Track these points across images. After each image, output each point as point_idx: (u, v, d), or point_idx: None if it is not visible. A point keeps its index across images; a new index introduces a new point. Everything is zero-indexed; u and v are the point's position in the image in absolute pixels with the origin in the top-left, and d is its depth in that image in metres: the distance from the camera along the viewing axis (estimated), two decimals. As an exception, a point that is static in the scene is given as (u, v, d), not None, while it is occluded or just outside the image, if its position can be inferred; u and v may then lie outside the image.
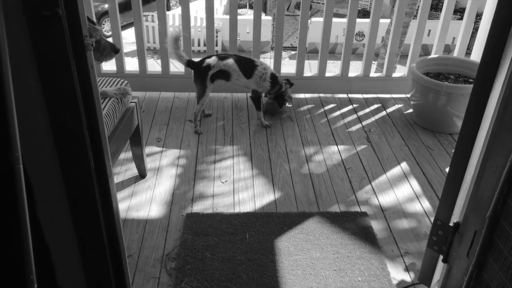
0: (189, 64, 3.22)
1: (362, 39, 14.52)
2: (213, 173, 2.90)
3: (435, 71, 3.51)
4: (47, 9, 1.18)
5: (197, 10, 14.34)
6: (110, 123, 2.24)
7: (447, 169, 2.96)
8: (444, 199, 1.88)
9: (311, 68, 12.85)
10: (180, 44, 3.14)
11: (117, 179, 2.81)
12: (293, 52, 13.13)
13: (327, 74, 3.77)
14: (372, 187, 2.80)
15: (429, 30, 13.17)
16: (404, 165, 3.02)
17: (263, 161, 3.02)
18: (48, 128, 1.31)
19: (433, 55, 3.61)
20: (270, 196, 2.70)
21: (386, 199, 2.71)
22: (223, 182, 2.82)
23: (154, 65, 3.76)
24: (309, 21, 14.33)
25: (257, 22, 3.56)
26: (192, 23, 13.22)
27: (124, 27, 13.89)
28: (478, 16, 3.90)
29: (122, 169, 2.90)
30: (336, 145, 3.22)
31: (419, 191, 2.78)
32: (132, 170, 2.88)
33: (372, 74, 3.82)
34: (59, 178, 1.42)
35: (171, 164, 2.98)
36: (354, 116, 3.58)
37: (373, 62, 3.73)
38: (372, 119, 3.54)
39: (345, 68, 3.73)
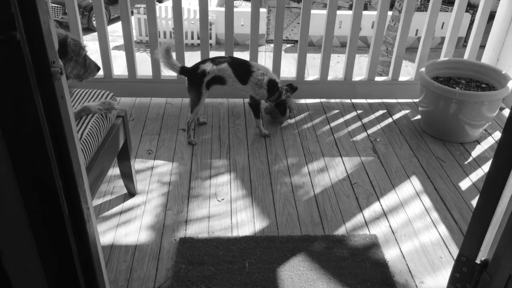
0: (182, 71, 2.98)
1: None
2: (209, 190, 2.68)
3: (445, 75, 3.29)
4: (1, 32, 0.95)
5: (190, 2, 14.04)
6: (93, 143, 2.01)
7: (460, 184, 2.76)
8: (471, 234, 1.66)
9: (308, 70, 12.66)
10: (171, 54, 2.91)
11: (103, 198, 2.58)
12: (288, 45, 12.89)
13: (330, 78, 3.54)
14: (381, 205, 2.59)
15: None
16: (414, 179, 2.80)
17: (263, 175, 2.80)
18: (13, 178, 1.08)
19: (442, 58, 3.39)
20: (271, 217, 2.48)
21: (397, 218, 2.50)
22: (219, 201, 2.60)
23: (146, 63, 3.53)
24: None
25: (255, 16, 3.31)
26: (185, 16, 12.94)
27: (117, 19, 13.60)
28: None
29: (110, 187, 2.67)
30: (341, 156, 3.00)
31: (432, 209, 2.57)
32: (120, 187, 2.65)
33: (377, 78, 3.59)
34: (28, 228, 1.19)
35: (163, 180, 2.75)
36: (359, 123, 3.36)
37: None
38: (378, 126, 3.32)
39: (349, 71, 3.51)
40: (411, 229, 2.43)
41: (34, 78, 1.02)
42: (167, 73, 3.27)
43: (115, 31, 12.12)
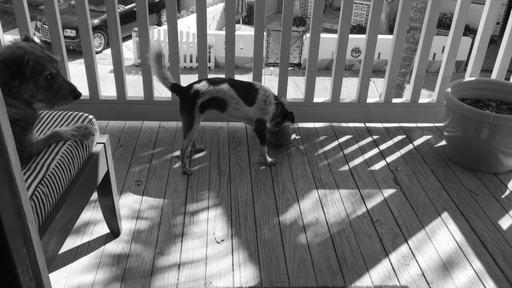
0: (174, 88, 2.61)
1: (358, 55, 14.06)
2: (206, 229, 2.28)
3: (472, 97, 2.93)
4: None
5: (189, 25, 13.84)
6: (63, 177, 1.62)
7: (500, 222, 2.36)
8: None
9: (301, 89, 12.28)
10: (164, 62, 2.53)
11: (81, 239, 2.18)
12: (289, 69, 12.60)
13: (342, 100, 3.17)
14: (410, 248, 2.19)
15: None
16: (445, 216, 2.41)
17: (269, 211, 2.41)
18: None
19: (469, 78, 3.04)
20: (280, 262, 2.08)
21: (430, 265, 2.09)
22: (218, 242, 2.20)
23: (139, 85, 3.14)
24: (304, 36, 13.86)
25: (258, 38, 2.97)
26: (184, 39, 12.69)
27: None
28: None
29: (89, 226, 2.27)
30: (358, 188, 2.61)
31: (471, 253, 2.17)
32: (102, 226, 2.25)
33: (395, 100, 3.22)
34: None
35: (152, 217, 2.35)
36: (376, 150, 2.98)
37: (371, 80, 3.13)
38: (398, 154, 2.94)
39: (363, 92, 3.15)
40: (448, 278, 2.02)
41: None
42: (161, 89, 2.90)
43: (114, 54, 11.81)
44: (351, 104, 3.20)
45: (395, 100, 3.21)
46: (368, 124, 3.25)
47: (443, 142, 3.05)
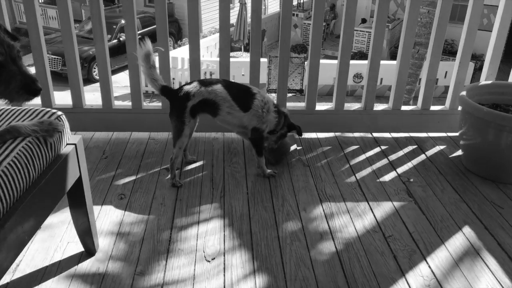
0: (164, 91, 2.36)
1: (360, 81, 13.92)
2: (195, 245, 2.00)
3: (489, 102, 2.67)
4: None
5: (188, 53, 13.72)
6: (18, 177, 1.36)
7: (530, 237, 2.08)
8: None
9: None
10: (154, 62, 2.29)
11: (51, 258, 1.90)
12: (289, 95, 12.46)
13: (347, 107, 2.92)
14: (430, 267, 1.89)
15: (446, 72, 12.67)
16: (467, 230, 2.12)
17: (267, 226, 2.13)
18: None
19: (485, 82, 2.79)
20: (279, 283, 1.79)
21: (454, 285, 1.80)
22: (208, 260, 1.91)
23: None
24: (305, 63, 13.78)
25: (255, 63, 2.75)
26: (179, 66, 12.45)
27: (116, 71, 13.22)
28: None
29: (63, 241, 1.99)
30: (367, 201, 2.33)
31: (500, 271, 1.87)
32: (75, 242, 1.98)
33: (404, 107, 2.97)
34: None
35: (135, 232, 2.07)
36: (385, 160, 2.71)
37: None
38: (409, 164, 2.67)
39: (369, 99, 2.90)
40: (476, 301, 1.73)
41: None
42: (149, 88, 2.65)
43: (115, 81, 11.74)
44: (357, 111, 2.95)
45: (404, 107, 2.96)
46: (375, 134, 2.99)
47: (459, 152, 2.79)
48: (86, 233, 1.89)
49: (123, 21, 2.69)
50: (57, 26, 13.75)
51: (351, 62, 2.86)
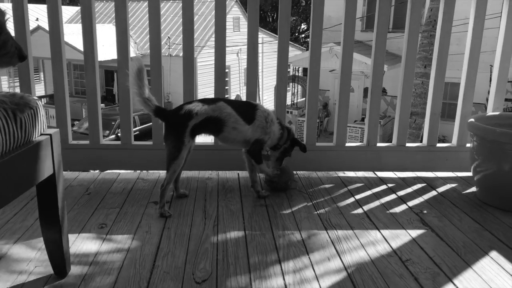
0: (158, 112, 2.20)
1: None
2: (183, 268, 1.72)
3: (499, 132, 2.52)
4: None
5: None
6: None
7: None
8: None
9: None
10: (145, 81, 2.16)
11: (15, 279, 1.61)
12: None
13: (349, 144, 2.76)
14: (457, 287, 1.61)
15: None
16: (495, 255, 1.86)
17: (266, 250, 1.86)
18: None
19: (492, 113, 2.67)
20: (281, 305, 1.50)
21: (490, 307, 1.51)
22: (198, 282, 1.63)
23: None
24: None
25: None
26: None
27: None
28: None
29: (31, 262, 1.71)
30: (377, 229, 2.08)
31: (541, 293, 1.59)
32: (43, 266, 1.70)
33: (409, 144, 2.81)
34: None
35: (114, 257, 1.80)
36: (393, 196, 2.49)
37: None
38: (420, 199, 2.45)
39: (372, 135, 2.75)
40: (520, 321, 1.43)
41: None
42: (143, 115, 2.49)
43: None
44: (359, 148, 2.78)
45: (409, 144, 2.80)
46: (380, 174, 2.79)
47: (473, 189, 2.58)
48: (55, 249, 1.62)
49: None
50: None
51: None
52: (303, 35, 30.23)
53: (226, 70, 12.96)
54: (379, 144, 2.77)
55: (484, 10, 2.61)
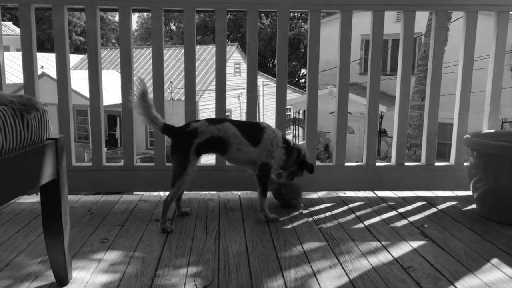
0: (166, 129, 2.24)
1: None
2: (184, 277, 1.72)
3: (496, 149, 2.56)
4: None
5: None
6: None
7: None
8: None
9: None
10: (150, 102, 2.21)
11: (18, 284, 1.61)
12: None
13: (348, 163, 2.79)
14: (460, 290, 1.61)
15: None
16: (497, 261, 1.86)
17: (267, 260, 1.86)
18: None
19: (487, 130, 2.72)
20: (283, 306, 1.49)
21: (493, 307, 1.50)
22: (198, 287, 1.62)
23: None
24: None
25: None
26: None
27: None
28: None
29: (31, 275, 1.71)
30: (378, 241, 2.08)
31: (544, 294, 1.58)
32: (45, 276, 1.70)
33: (408, 163, 2.85)
34: None
35: (114, 268, 1.80)
36: (394, 212, 2.50)
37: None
38: (421, 215, 2.46)
39: (371, 154, 2.79)
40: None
41: None
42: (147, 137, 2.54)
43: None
44: (359, 167, 2.81)
45: (408, 163, 2.83)
46: (380, 194, 2.81)
47: (473, 206, 2.58)
48: (58, 255, 1.63)
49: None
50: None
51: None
52: (302, 80, 30.82)
53: (227, 114, 13.16)
54: (378, 163, 2.81)
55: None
